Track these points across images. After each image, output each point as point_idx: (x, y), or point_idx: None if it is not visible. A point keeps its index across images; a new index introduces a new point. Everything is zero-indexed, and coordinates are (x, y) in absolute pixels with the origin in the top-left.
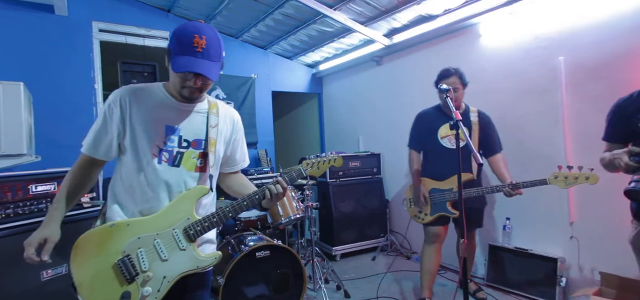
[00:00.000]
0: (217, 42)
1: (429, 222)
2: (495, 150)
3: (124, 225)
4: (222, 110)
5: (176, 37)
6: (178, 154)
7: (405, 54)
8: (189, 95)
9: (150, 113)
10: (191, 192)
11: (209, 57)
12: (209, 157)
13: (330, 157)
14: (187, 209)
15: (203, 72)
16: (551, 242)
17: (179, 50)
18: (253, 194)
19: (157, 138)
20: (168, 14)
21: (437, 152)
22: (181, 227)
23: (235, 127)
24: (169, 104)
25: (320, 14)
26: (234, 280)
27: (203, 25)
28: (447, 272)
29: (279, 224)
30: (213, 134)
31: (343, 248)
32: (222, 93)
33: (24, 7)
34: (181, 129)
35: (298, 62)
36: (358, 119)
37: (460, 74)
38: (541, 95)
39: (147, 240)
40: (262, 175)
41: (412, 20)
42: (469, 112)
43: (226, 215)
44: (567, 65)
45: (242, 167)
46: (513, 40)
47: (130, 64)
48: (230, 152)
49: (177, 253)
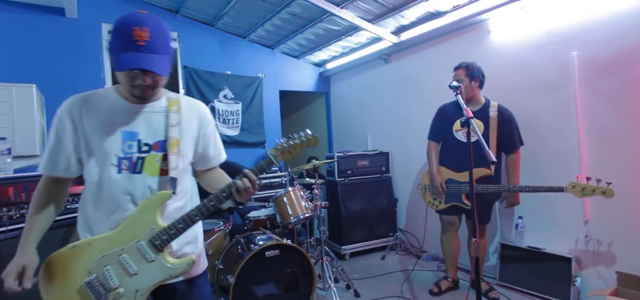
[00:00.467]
0: (162, 32)
1: (443, 210)
2: (511, 148)
3: (85, 245)
4: (185, 106)
5: (115, 32)
6: (138, 159)
7: (413, 52)
8: (141, 95)
9: (103, 120)
10: (151, 199)
11: (153, 49)
12: (170, 158)
13: (303, 137)
14: (150, 219)
15: (148, 67)
16: (565, 241)
17: (120, 46)
18: (220, 192)
19: (114, 146)
20: (176, 15)
21: (453, 144)
22: (146, 238)
23: (202, 121)
24: (122, 108)
25: (327, 13)
26: (244, 279)
27: (144, 16)
28: (458, 271)
29: (288, 224)
30: (174, 133)
31: (352, 247)
32: (230, 93)
33: (35, 10)
34: (140, 133)
35: (305, 61)
36: (366, 117)
37: (469, 67)
38: (553, 91)
39: (112, 257)
40: (270, 174)
41: (421, 17)
42: (488, 106)
43: (193, 219)
44: (580, 61)
45: (219, 162)
46: (524, 35)
47: None
48: (201, 149)
49: (145, 265)
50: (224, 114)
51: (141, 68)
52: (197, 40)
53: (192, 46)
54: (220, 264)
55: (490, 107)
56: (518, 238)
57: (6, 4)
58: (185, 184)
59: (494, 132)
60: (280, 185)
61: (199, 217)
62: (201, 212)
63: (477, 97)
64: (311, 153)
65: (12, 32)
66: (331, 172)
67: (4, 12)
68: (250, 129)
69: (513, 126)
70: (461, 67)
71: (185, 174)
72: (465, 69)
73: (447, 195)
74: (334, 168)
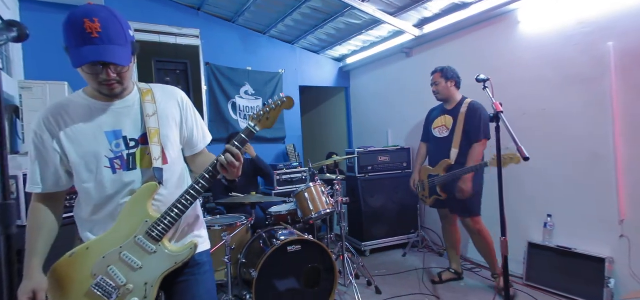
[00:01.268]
0: (116, 22)
1: (430, 204)
2: (472, 139)
3: (83, 250)
4: (160, 94)
5: (65, 29)
6: (129, 156)
7: (436, 45)
8: (109, 92)
9: (82, 125)
10: (138, 194)
11: (109, 40)
12: (152, 149)
13: (278, 100)
14: (142, 212)
15: (105, 59)
16: (598, 241)
17: (73, 42)
18: (206, 171)
19: (102, 148)
20: (198, 12)
21: (433, 141)
22: (143, 231)
23: (182, 106)
24: (97, 108)
25: (348, 6)
26: (266, 274)
27: (93, 7)
28: (482, 270)
29: (310, 219)
30: (152, 124)
31: (373, 244)
32: (250, 89)
33: (67, 9)
34: (123, 130)
35: (325, 56)
36: (387, 112)
37: (443, 70)
38: (586, 84)
39: (113, 256)
40: (291, 170)
41: (445, 8)
42: (461, 104)
43: (184, 204)
44: (616, 51)
45: (205, 145)
46: (554, 26)
47: (163, 62)
48: (187, 133)
49: (148, 257)
50: (244, 110)
51: (98, 60)
52: (218, 36)
53: (214, 43)
54: (243, 258)
55: (463, 105)
56: (547, 237)
57: (39, 4)
58: (181, 172)
59: (461, 125)
60: (301, 181)
61: (191, 201)
62: (191, 194)
63: (454, 96)
64: (330, 148)
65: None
66: (351, 168)
67: (37, 12)
68: None
69: (478, 118)
70: (437, 72)
71: (179, 162)
72: (440, 72)
73: (429, 190)
74: (354, 164)
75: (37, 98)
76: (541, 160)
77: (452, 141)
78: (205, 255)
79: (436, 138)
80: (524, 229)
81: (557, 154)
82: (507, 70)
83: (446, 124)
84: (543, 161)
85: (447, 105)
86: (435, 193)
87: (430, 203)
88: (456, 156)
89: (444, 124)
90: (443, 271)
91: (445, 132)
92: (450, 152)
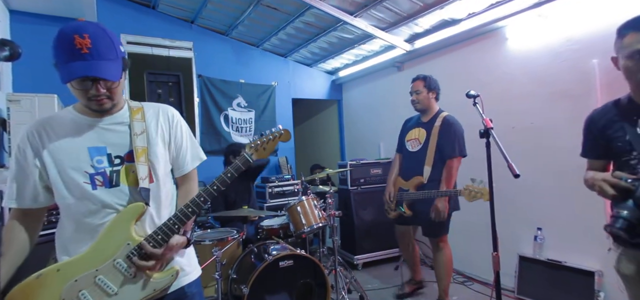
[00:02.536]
0: (106, 38)
1: (393, 218)
2: (446, 156)
3: (53, 272)
4: (150, 113)
5: (55, 45)
6: (113, 173)
7: (427, 60)
8: (99, 107)
9: (66, 140)
10: (122, 214)
11: (99, 56)
12: (139, 168)
13: (275, 132)
14: (124, 234)
15: (95, 74)
16: (588, 254)
17: (63, 58)
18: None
19: (82, 163)
20: (191, 25)
21: (405, 154)
22: (123, 255)
23: (172, 124)
24: (84, 124)
25: (340, 22)
26: (257, 289)
27: (83, 23)
28: (474, 283)
29: (302, 233)
30: (140, 142)
31: (365, 257)
32: (243, 101)
33: (57, 22)
34: (108, 147)
35: (318, 69)
36: (379, 125)
37: (426, 78)
38: (573, 100)
39: (86, 280)
40: (283, 182)
41: (435, 25)
42: (436, 117)
43: (171, 228)
44: (601, 69)
45: (194, 166)
46: (542, 43)
47: (156, 74)
48: (175, 153)
49: (126, 283)
50: (237, 122)
51: (88, 75)
52: (211, 49)
53: (207, 55)
54: (233, 274)
55: (438, 118)
56: (537, 250)
57: (28, 16)
58: (168, 192)
59: (434, 140)
60: (293, 193)
61: (179, 225)
62: (179, 219)
63: (433, 108)
64: (323, 161)
65: (35, 43)
66: (344, 181)
67: (27, 24)
68: None
69: (452, 135)
70: (419, 79)
71: (166, 182)
72: (423, 80)
73: (397, 204)
74: (346, 176)
75: (26, 111)
76: (530, 174)
77: (425, 158)
78: (195, 285)
79: (408, 152)
80: (514, 242)
81: (545, 168)
82: (495, 85)
83: (419, 138)
84: (532, 175)
85: (424, 117)
86: (400, 207)
87: (393, 216)
88: (429, 174)
89: (416, 138)
90: (405, 283)
91: (417, 146)
92: (423, 170)
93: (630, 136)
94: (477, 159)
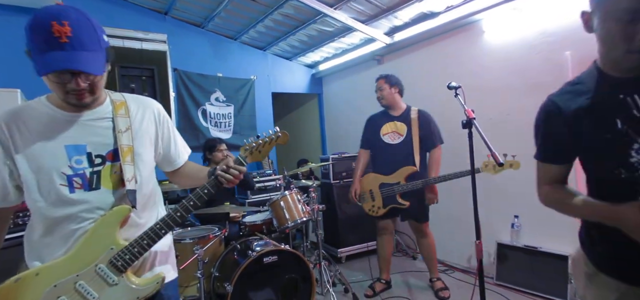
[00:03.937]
0: (88, 25)
1: (382, 214)
2: (430, 146)
3: (31, 276)
4: (134, 107)
5: (30, 31)
6: (93, 174)
7: (406, 52)
8: (78, 102)
9: (40, 136)
10: (107, 217)
11: (81, 46)
12: (125, 169)
13: (272, 135)
14: (108, 238)
15: (76, 67)
16: (561, 238)
17: (38, 46)
18: (201, 191)
19: (59, 163)
20: (165, 16)
21: (382, 148)
22: (105, 260)
23: (158, 119)
24: (60, 119)
25: (320, 14)
26: (241, 287)
27: (63, 8)
28: (455, 271)
29: (286, 228)
30: (125, 140)
31: (348, 249)
32: (221, 96)
33: (20, 13)
34: (88, 145)
35: (297, 62)
36: (360, 118)
37: (388, 77)
38: (547, 91)
39: (66, 285)
40: (264, 177)
41: (414, 17)
42: (409, 111)
43: (158, 233)
44: (574, 60)
45: (184, 160)
46: (518, 36)
47: (128, 68)
48: (163, 150)
49: (108, 289)
50: (215, 117)
51: (68, 68)
52: (187, 42)
53: (182, 48)
54: (216, 272)
55: (411, 111)
56: (515, 237)
57: None
58: (151, 193)
59: (416, 130)
60: (275, 189)
61: (166, 230)
62: (167, 224)
63: (399, 104)
64: (304, 155)
65: None
66: (326, 175)
67: None
68: (243, 132)
69: (431, 126)
70: (381, 78)
71: (149, 182)
72: (384, 79)
73: (384, 200)
74: (328, 170)
75: None
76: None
77: (412, 148)
78: (171, 287)
79: (387, 144)
80: (493, 229)
81: (522, 158)
82: (473, 77)
83: (398, 130)
84: None
85: (393, 112)
86: (394, 202)
87: (382, 213)
88: (419, 162)
89: (395, 130)
90: (374, 282)
91: (398, 139)
92: (414, 159)
93: (624, 123)
94: (451, 150)
